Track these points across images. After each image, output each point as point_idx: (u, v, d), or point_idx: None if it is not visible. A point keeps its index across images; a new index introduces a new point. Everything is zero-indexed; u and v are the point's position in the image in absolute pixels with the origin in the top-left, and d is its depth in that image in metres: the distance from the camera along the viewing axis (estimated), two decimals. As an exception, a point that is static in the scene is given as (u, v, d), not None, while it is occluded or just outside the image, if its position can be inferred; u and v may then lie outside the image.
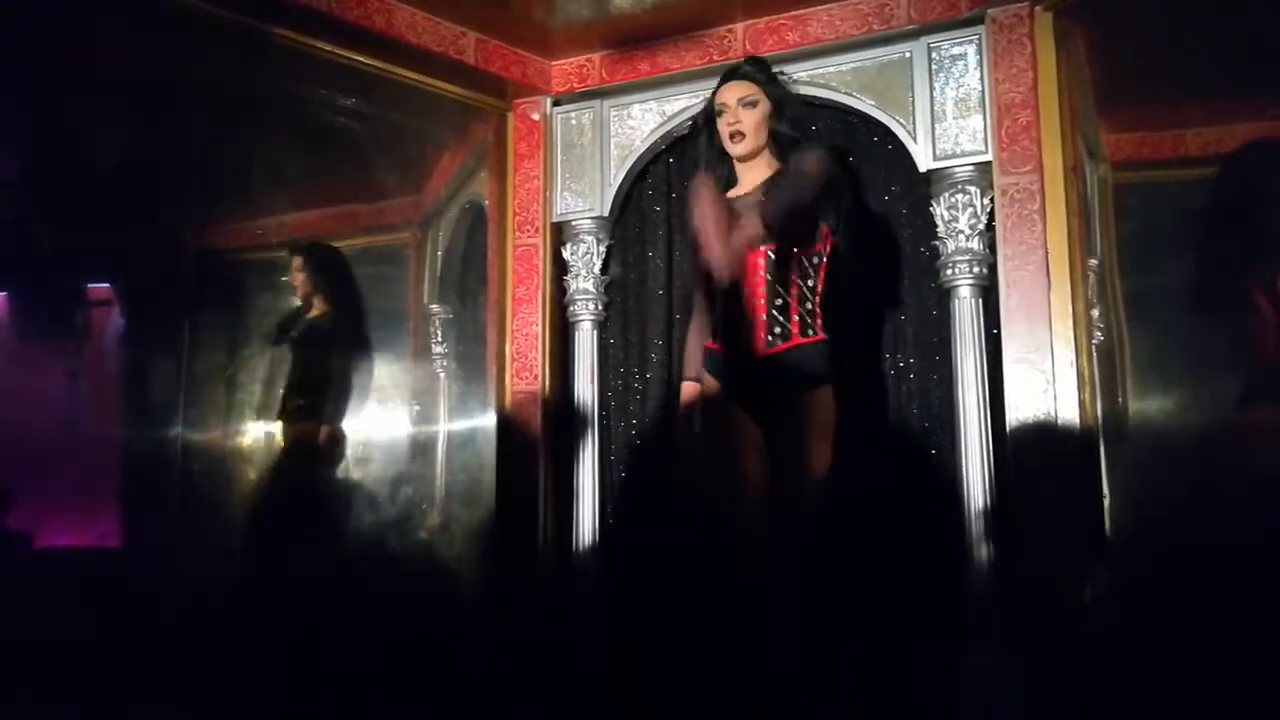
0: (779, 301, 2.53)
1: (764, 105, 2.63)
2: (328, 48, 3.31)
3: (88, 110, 3.62)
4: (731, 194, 2.69)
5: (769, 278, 2.51)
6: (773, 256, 2.51)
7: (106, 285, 4.50)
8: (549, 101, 3.81)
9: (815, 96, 3.37)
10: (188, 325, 3.64)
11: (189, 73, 3.34)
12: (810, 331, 2.56)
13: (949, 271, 3.10)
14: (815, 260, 2.58)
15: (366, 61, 3.43)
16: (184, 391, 3.52)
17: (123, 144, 3.77)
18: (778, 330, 2.53)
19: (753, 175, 2.68)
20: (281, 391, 3.46)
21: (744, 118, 2.60)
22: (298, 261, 3.62)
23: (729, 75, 2.69)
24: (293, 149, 3.53)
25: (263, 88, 3.36)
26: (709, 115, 2.73)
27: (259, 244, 3.78)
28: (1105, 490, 2.94)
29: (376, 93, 3.54)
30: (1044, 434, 2.94)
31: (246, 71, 3.27)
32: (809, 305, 2.57)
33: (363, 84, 3.49)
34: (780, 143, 2.68)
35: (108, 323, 4.50)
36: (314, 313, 3.59)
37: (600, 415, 3.70)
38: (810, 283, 2.57)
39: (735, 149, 2.64)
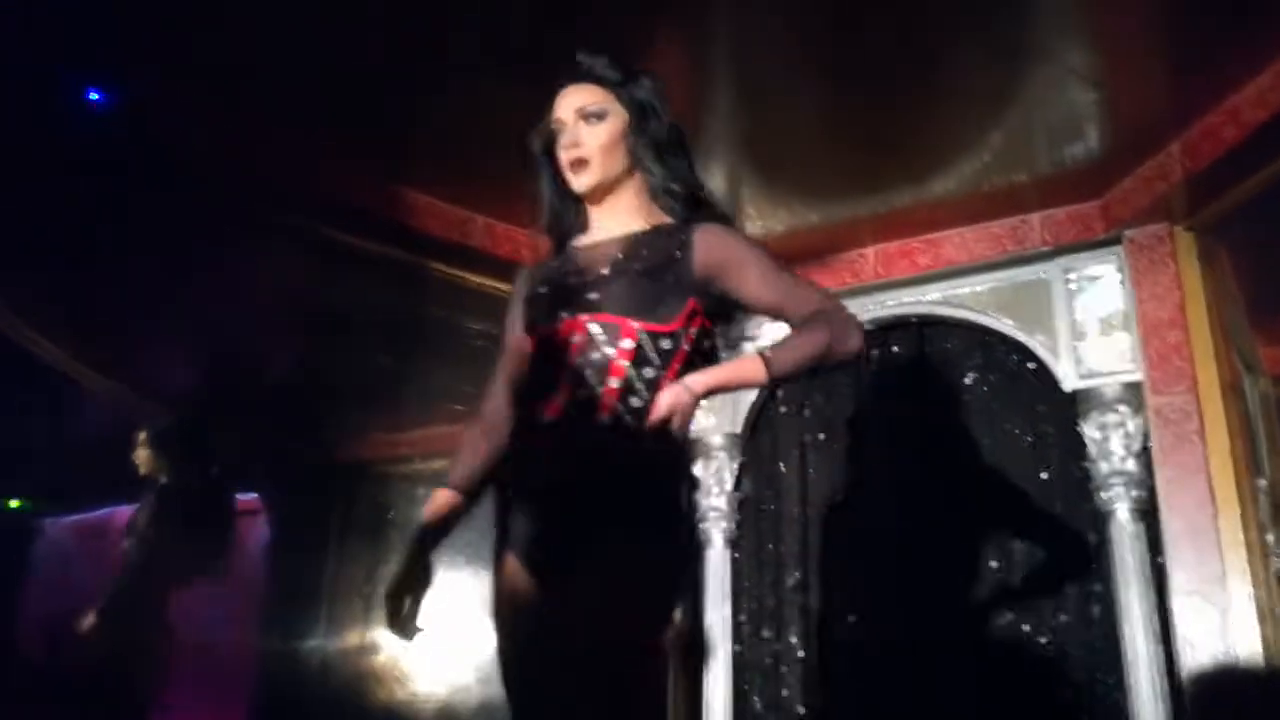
0: (585, 394, 1.59)
1: (617, 117, 1.73)
2: (477, 279, 3.55)
3: (258, 333, 3.95)
4: (578, 243, 1.77)
5: (581, 360, 1.61)
6: (597, 330, 1.62)
7: (255, 495, 4.75)
8: (682, 323, 3.92)
9: (951, 316, 3.39)
10: (334, 537, 3.78)
11: (351, 302, 3.63)
12: (629, 444, 1.56)
13: (1104, 495, 2.97)
14: (667, 344, 1.61)
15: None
16: (327, 604, 3.60)
17: (289, 365, 4.09)
18: (579, 431, 1.58)
19: (612, 219, 1.75)
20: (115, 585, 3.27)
21: (586, 137, 1.71)
22: (140, 437, 3.40)
23: (566, 77, 1.77)
24: (440, 369, 3.74)
25: (417, 314, 3.61)
26: (547, 140, 1.78)
27: (403, 458, 3.93)
28: (1302, 740, 2.64)
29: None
30: (1223, 674, 2.70)
31: (404, 301, 3.53)
32: (636, 403, 1.58)
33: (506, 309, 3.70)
34: (660, 179, 1.74)
35: (254, 532, 4.71)
36: (155, 493, 3.38)
37: (734, 638, 3.57)
38: (651, 373, 1.59)
39: (578, 182, 1.72)
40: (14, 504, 3.94)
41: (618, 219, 1.74)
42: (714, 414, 3.79)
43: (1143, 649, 2.81)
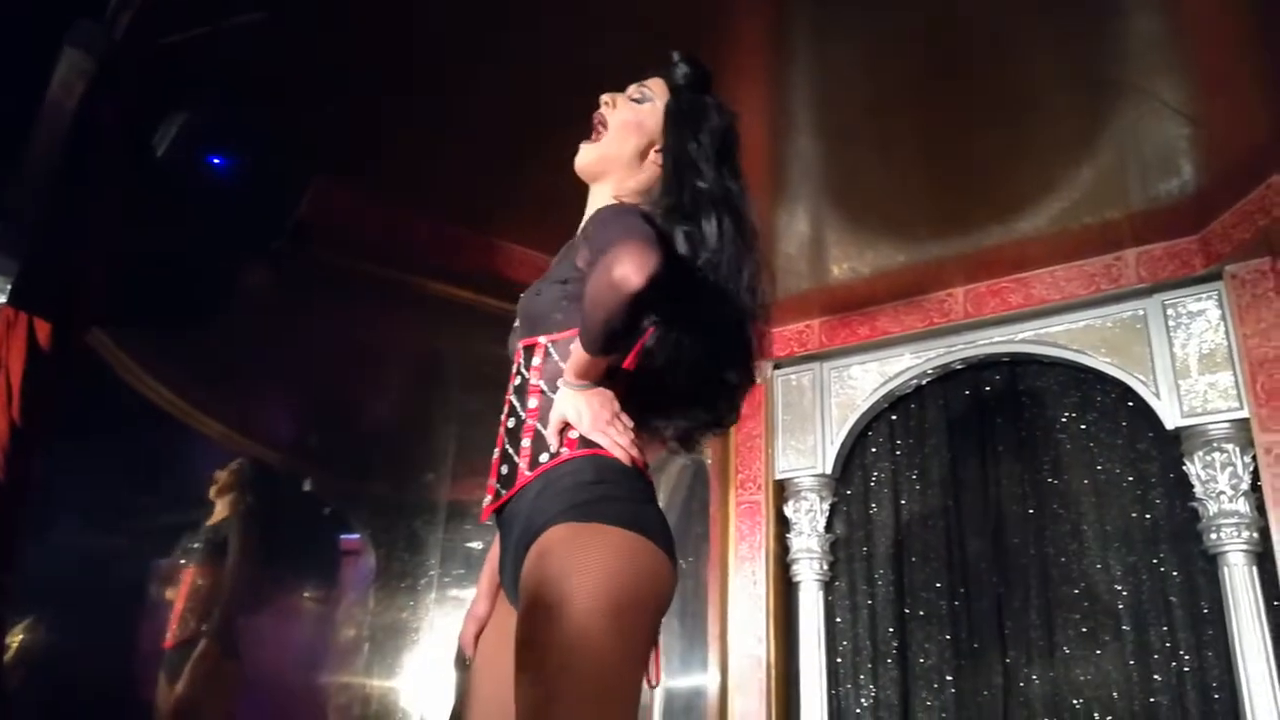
0: (512, 423, 1.43)
1: (655, 108, 1.57)
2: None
3: (359, 381, 4.12)
4: None
5: (513, 389, 1.46)
6: (523, 356, 1.47)
7: (357, 536, 4.90)
8: (769, 365, 3.95)
9: (1044, 354, 3.35)
10: (435, 576, 3.89)
11: (449, 350, 3.76)
12: (545, 456, 1.36)
13: (1214, 536, 2.87)
14: (575, 347, 1.39)
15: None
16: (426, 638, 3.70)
17: (390, 411, 4.24)
18: (505, 471, 1.42)
19: None
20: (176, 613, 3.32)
21: (611, 114, 1.57)
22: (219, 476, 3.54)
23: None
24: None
25: (508, 360, 3.70)
26: None
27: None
28: None
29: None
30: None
31: (495, 347, 3.63)
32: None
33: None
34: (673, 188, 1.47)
35: (358, 571, 4.85)
36: (214, 519, 3.49)
37: (829, 683, 3.53)
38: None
39: (581, 153, 1.58)
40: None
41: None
42: (804, 455, 3.80)
43: (1265, 700, 2.69)
